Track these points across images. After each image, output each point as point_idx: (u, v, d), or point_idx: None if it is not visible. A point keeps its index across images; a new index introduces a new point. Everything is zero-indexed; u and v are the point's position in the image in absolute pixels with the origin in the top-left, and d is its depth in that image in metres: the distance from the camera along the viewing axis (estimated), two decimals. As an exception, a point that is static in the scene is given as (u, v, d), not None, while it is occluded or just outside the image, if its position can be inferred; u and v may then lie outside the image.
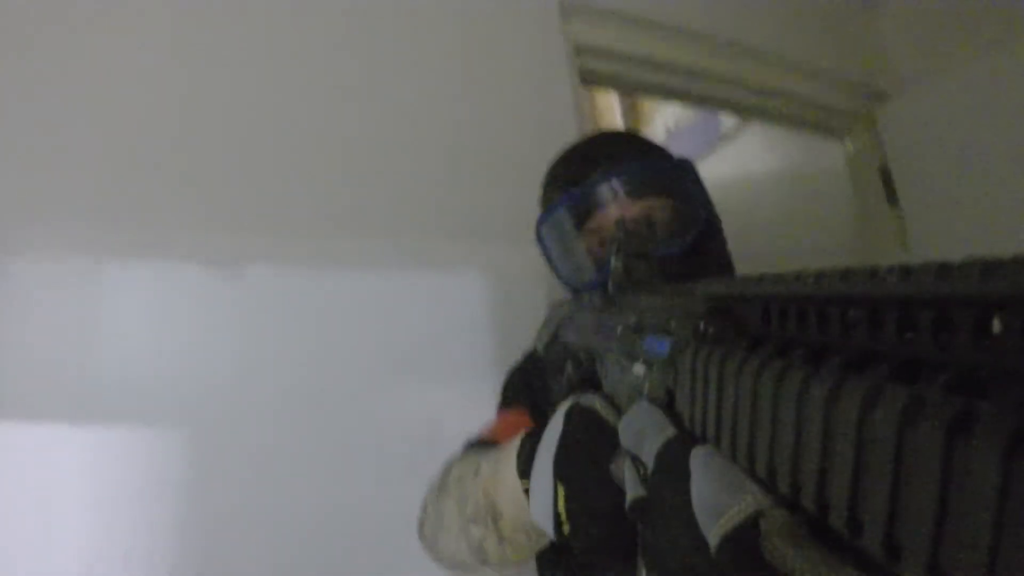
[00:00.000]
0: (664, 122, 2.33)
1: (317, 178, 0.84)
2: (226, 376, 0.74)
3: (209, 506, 0.70)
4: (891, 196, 1.54)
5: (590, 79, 1.23)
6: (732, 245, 0.68)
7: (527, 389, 0.70)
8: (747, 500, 0.19)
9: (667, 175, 0.66)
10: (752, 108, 1.49)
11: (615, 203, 0.62)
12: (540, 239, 0.69)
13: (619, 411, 0.36)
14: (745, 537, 0.19)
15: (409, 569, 0.71)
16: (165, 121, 0.77)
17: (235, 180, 0.80)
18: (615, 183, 0.62)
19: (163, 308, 0.74)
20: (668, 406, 0.28)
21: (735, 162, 2.00)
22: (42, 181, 0.70)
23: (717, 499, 0.20)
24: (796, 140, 1.78)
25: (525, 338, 0.86)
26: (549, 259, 0.69)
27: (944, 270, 0.12)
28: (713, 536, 0.20)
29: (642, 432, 0.27)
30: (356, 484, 0.76)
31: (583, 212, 0.64)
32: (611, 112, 2.44)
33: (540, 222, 0.69)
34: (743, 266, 0.67)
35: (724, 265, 0.66)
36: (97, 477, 0.67)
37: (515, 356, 0.78)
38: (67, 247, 0.70)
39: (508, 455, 0.45)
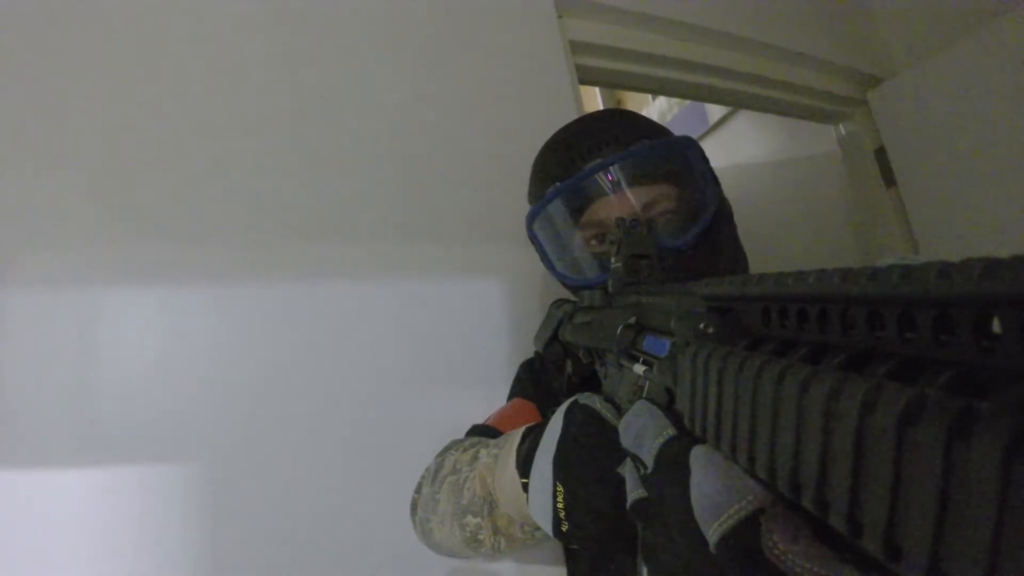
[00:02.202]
0: (649, 114, 2.36)
1: (323, 187, 0.82)
2: (240, 398, 0.70)
3: (226, 538, 0.66)
4: (887, 177, 1.55)
5: (586, 77, 1.23)
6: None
7: (535, 382, 0.70)
8: (747, 499, 0.19)
9: (668, 158, 0.60)
10: (746, 98, 1.50)
11: (613, 193, 0.57)
12: (532, 235, 0.65)
13: (619, 411, 0.36)
14: (744, 535, 0.19)
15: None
16: (167, 133, 0.75)
17: (245, 193, 0.77)
18: (612, 171, 0.57)
19: (168, 332, 0.70)
20: (668, 406, 0.28)
21: (725, 150, 2.01)
22: (34, 198, 0.66)
23: (717, 498, 0.20)
24: (786, 125, 1.79)
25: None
26: (544, 256, 0.65)
27: (944, 270, 0.11)
28: (712, 534, 0.20)
29: (642, 431, 0.27)
30: (384, 500, 0.72)
31: (578, 204, 0.59)
32: (595, 105, 2.51)
33: (531, 216, 0.64)
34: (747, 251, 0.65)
35: (735, 256, 0.62)
36: (101, 519, 0.62)
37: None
38: (62, 271, 0.66)
39: (507, 450, 0.45)
